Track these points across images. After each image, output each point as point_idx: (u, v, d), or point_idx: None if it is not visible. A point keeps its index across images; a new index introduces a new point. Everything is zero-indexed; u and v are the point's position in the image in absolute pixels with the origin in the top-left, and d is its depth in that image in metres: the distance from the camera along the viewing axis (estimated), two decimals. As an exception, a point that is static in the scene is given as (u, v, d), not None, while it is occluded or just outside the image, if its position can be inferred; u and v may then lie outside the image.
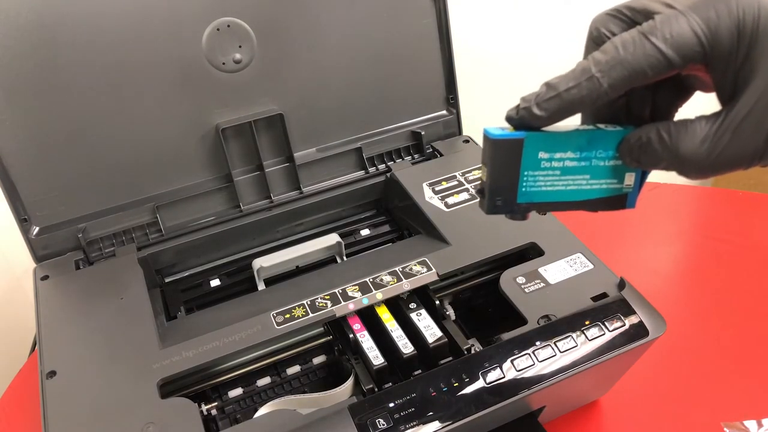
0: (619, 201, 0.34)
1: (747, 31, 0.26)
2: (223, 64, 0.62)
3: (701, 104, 0.34)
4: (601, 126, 0.31)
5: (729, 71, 0.27)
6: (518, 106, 0.31)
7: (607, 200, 0.34)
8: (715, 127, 0.27)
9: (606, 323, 0.50)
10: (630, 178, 0.33)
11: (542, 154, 0.32)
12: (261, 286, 0.62)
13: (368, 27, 0.67)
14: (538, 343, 0.49)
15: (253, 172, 0.67)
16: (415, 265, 0.56)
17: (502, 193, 0.33)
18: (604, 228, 0.82)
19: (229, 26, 0.61)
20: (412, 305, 0.54)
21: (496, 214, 0.35)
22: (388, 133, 0.71)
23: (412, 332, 0.52)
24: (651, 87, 0.31)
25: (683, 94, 0.32)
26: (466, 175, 0.67)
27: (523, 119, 0.30)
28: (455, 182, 0.66)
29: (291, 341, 0.54)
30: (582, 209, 0.35)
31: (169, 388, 0.50)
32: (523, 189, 0.33)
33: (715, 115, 0.28)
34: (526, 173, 0.32)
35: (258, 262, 0.61)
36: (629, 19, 0.29)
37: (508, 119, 0.31)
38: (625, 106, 0.32)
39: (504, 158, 0.32)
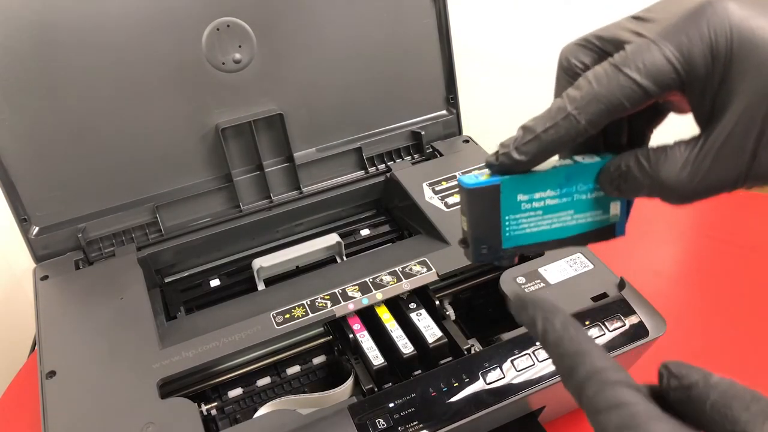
0: (608, 231, 0.33)
1: (721, 54, 0.25)
2: (223, 64, 0.62)
3: (676, 125, 0.33)
4: (579, 159, 0.31)
5: (706, 95, 0.26)
6: (497, 152, 0.30)
7: (595, 233, 0.33)
8: (695, 152, 0.26)
9: (606, 323, 0.50)
10: (615, 207, 0.32)
11: (521, 197, 0.31)
12: (261, 286, 0.62)
13: (368, 27, 0.67)
14: (538, 343, 0.49)
15: (253, 172, 0.67)
16: (415, 265, 0.56)
17: (485, 241, 0.32)
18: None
19: (228, 26, 0.61)
20: (412, 305, 0.54)
21: (482, 262, 0.34)
22: (388, 133, 0.71)
23: (412, 332, 0.52)
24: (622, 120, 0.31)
25: (658, 116, 0.32)
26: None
27: (503, 165, 0.30)
28: (455, 182, 0.65)
29: (291, 341, 0.53)
30: (571, 245, 0.34)
31: (168, 388, 0.50)
32: (507, 234, 0.32)
33: (695, 139, 0.27)
34: (507, 218, 0.31)
35: (258, 262, 0.61)
36: (599, 48, 0.29)
37: (489, 166, 0.30)
38: (601, 135, 0.31)
39: (482, 206, 0.31)
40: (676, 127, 0.32)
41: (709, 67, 0.25)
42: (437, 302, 0.54)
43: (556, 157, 0.31)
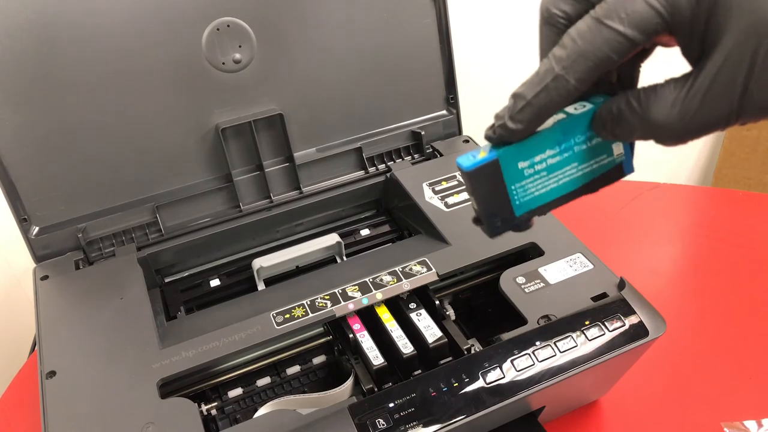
0: (616, 172, 0.33)
1: None
2: (223, 64, 0.62)
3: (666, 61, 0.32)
4: (570, 110, 0.30)
5: (694, 35, 0.26)
6: (494, 124, 0.30)
7: (603, 177, 0.33)
8: (685, 90, 0.26)
9: (606, 323, 0.50)
10: (618, 147, 0.32)
11: (522, 164, 0.31)
12: (261, 286, 0.62)
13: (368, 27, 0.67)
14: (538, 343, 0.49)
15: (253, 172, 0.67)
16: (415, 265, 0.56)
17: (498, 214, 0.32)
18: (604, 228, 0.82)
19: (228, 26, 0.61)
20: (412, 305, 0.54)
21: (500, 235, 0.33)
22: (388, 133, 0.71)
23: (412, 332, 0.52)
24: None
25: (645, 52, 0.31)
26: (466, 175, 0.67)
27: (501, 137, 0.30)
28: (455, 182, 0.66)
29: (291, 341, 0.54)
30: (583, 194, 0.33)
31: (168, 388, 0.50)
32: (517, 202, 0.32)
33: (685, 77, 0.27)
34: (513, 187, 0.31)
35: (258, 262, 0.61)
36: (577, 1, 0.28)
37: (488, 138, 0.30)
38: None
39: (486, 183, 0.30)
40: (667, 62, 0.31)
41: (694, 7, 0.25)
42: (437, 302, 0.54)
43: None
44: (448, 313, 0.55)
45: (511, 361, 0.48)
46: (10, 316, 1.00)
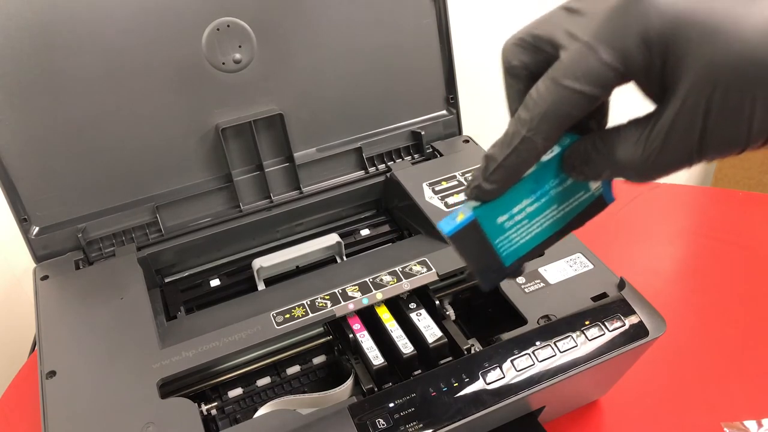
0: (598, 204, 0.33)
1: (654, 42, 0.25)
2: (223, 64, 0.62)
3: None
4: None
5: (652, 79, 0.26)
6: (469, 185, 0.31)
7: (586, 211, 0.33)
8: (647, 132, 0.27)
9: (606, 323, 0.50)
10: (595, 182, 0.33)
11: (501, 218, 0.31)
12: (261, 286, 0.62)
13: (368, 27, 0.67)
14: (538, 343, 0.49)
15: (253, 172, 0.67)
16: (415, 265, 0.56)
17: (488, 268, 0.32)
18: (604, 228, 0.82)
19: (228, 26, 0.61)
20: (412, 305, 0.54)
21: (496, 284, 0.35)
22: (388, 133, 0.71)
23: (412, 332, 0.52)
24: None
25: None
26: (466, 175, 0.67)
27: (478, 197, 0.31)
28: (455, 182, 0.66)
29: (291, 341, 0.54)
30: (569, 232, 0.34)
31: (169, 388, 0.50)
32: (504, 254, 0.32)
33: (647, 118, 0.27)
34: (497, 241, 0.32)
35: (258, 262, 0.61)
36: (536, 48, 0.29)
37: (467, 198, 0.31)
38: None
39: (470, 243, 0.31)
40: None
41: (647, 57, 0.25)
42: (437, 302, 0.54)
43: None
44: (448, 313, 0.55)
45: (511, 361, 0.48)
46: (10, 316, 1.00)
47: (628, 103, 0.32)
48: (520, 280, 0.54)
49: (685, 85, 0.25)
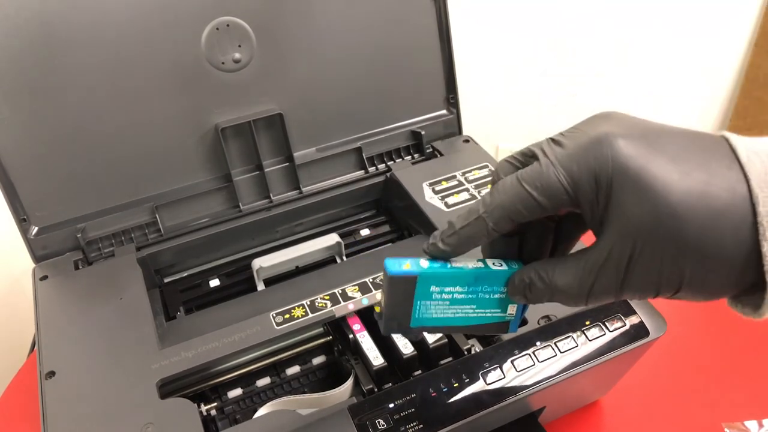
0: (502, 327, 0.37)
1: (603, 183, 0.29)
2: (223, 63, 0.62)
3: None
4: (490, 264, 0.35)
5: (595, 214, 0.30)
6: (429, 241, 0.36)
7: (490, 326, 0.37)
8: (581, 266, 0.31)
9: (606, 323, 0.50)
10: (513, 308, 0.36)
11: (434, 288, 0.35)
12: (260, 286, 0.62)
13: (368, 27, 0.66)
14: (538, 343, 0.49)
15: (253, 172, 0.67)
16: (415, 265, 0.56)
17: (397, 318, 0.36)
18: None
19: (228, 26, 0.61)
20: (412, 305, 0.54)
21: (391, 334, 0.38)
22: (388, 133, 0.71)
23: (412, 332, 0.51)
24: (548, 227, 0.35)
25: (553, 229, 0.35)
26: (466, 175, 0.67)
27: (432, 253, 0.35)
28: (455, 182, 0.65)
29: (291, 341, 0.53)
30: (467, 333, 0.39)
31: (168, 388, 0.50)
32: (416, 315, 0.36)
33: (582, 252, 0.31)
34: (419, 302, 0.35)
35: (257, 262, 0.61)
36: (521, 163, 0.33)
37: (424, 251, 0.36)
38: (519, 243, 0.36)
39: (399, 291, 0.35)
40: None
41: (594, 192, 0.29)
42: (437, 302, 0.54)
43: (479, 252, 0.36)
44: (448, 313, 0.55)
45: (512, 362, 0.48)
46: (9, 316, 1.00)
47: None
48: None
49: (615, 233, 0.29)
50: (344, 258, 0.64)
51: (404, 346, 0.50)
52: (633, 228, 0.28)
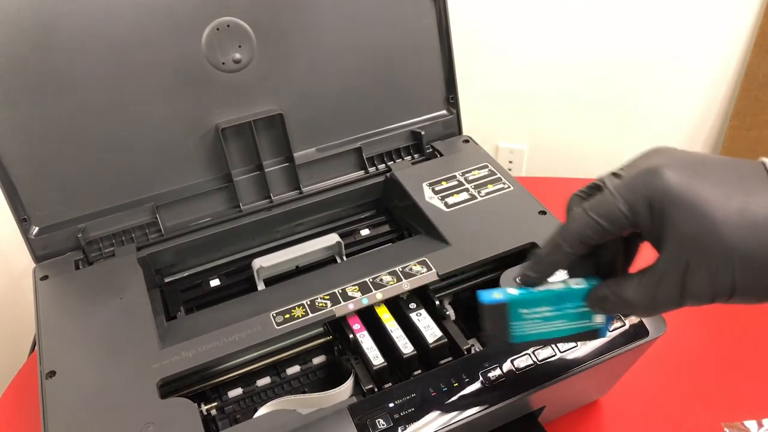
0: (593, 334, 0.42)
1: (656, 208, 0.34)
2: (223, 63, 0.62)
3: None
4: (572, 283, 0.40)
5: (652, 234, 0.35)
6: (521, 272, 0.41)
7: (583, 335, 0.42)
8: (645, 281, 0.36)
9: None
10: (600, 317, 0.41)
11: (523, 311, 0.41)
12: (261, 286, 0.62)
13: (368, 27, 0.66)
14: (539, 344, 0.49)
15: (253, 172, 0.67)
16: (415, 265, 0.56)
17: (498, 336, 0.42)
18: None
19: (228, 26, 0.61)
20: (412, 305, 0.54)
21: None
22: (388, 133, 0.71)
23: (412, 332, 0.52)
24: (618, 244, 0.40)
25: (624, 250, 0.41)
26: (466, 175, 0.67)
27: (525, 281, 0.41)
28: (455, 182, 0.66)
29: (291, 341, 0.53)
30: (564, 342, 0.45)
31: (168, 388, 0.50)
32: (513, 334, 0.42)
33: (647, 270, 0.36)
34: (513, 324, 0.41)
35: (258, 262, 0.61)
36: (588, 196, 0.38)
37: (516, 281, 0.42)
38: (594, 263, 0.41)
39: (494, 316, 0.41)
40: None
41: (649, 215, 0.34)
42: (437, 302, 0.54)
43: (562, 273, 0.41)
44: (448, 313, 0.55)
45: (511, 361, 0.48)
46: (10, 316, 1.00)
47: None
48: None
49: (671, 249, 0.34)
50: (344, 258, 0.64)
51: (404, 345, 0.50)
52: (684, 243, 0.33)
